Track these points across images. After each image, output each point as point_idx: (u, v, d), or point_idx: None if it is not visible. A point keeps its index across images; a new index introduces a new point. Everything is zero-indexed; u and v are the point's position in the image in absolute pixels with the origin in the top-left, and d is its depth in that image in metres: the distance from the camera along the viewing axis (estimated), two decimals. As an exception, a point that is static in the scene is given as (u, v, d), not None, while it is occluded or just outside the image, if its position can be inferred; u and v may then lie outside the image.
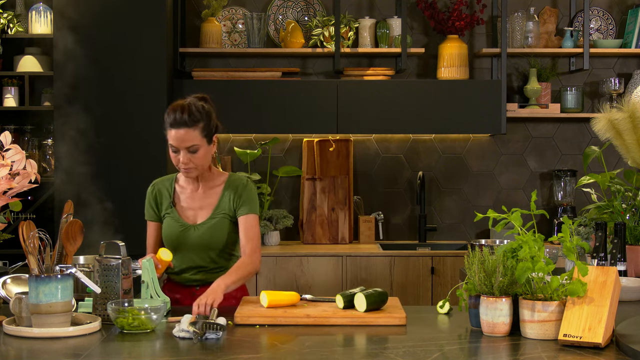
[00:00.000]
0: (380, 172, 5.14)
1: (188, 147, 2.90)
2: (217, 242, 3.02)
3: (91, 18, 4.50)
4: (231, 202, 3.02)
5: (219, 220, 3.01)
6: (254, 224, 3.01)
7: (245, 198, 3.01)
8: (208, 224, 3.01)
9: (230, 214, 3.03)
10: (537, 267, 2.30)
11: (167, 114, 2.92)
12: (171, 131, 2.90)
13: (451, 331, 2.47)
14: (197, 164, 2.93)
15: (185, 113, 2.88)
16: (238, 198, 3.02)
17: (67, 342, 2.31)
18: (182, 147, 2.90)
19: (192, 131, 2.89)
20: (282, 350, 2.28)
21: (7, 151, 2.67)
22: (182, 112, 2.88)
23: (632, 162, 3.34)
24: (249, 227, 3.00)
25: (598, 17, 5.17)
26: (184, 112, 2.88)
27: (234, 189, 3.03)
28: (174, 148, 2.92)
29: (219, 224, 3.01)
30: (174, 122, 2.89)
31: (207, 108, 2.95)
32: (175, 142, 2.90)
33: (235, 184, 3.04)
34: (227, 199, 3.03)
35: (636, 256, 3.13)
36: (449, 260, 4.55)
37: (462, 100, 4.80)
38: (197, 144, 2.90)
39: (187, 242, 3.01)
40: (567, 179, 5.01)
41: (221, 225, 3.01)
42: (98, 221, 4.07)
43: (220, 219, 3.01)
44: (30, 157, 4.54)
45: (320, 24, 4.97)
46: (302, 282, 4.54)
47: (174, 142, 2.90)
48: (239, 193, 3.02)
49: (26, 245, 2.54)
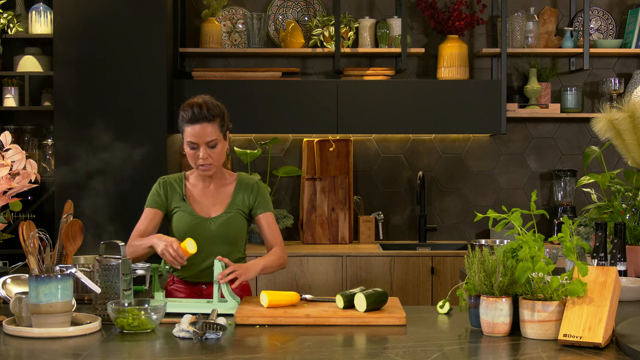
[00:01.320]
0: (380, 172, 5.14)
1: (208, 142, 2.93)
2: (232, 235, 3.03)
3: (91, 18, 4.50)
4: (245, 200, 3.06)
5: (234, 214, 3.04)
6: (274, 221, 3.10)
7: (261, 197, 3.07)
8: (224, 217, 3.03)
9: (245, 211, 3.06)
10: (537, 267, 2.30)
11: (183, 112, 2.94)
12: (190, 127, 2.92)
13: (451, 331, 2.47)
14: (215, 159, 2.96)
15: (204, 108, 2.92)
16: (254, 198, 3.06)
17: (67, 342, 2.31)
18: (202, 142, 2.92)
19: (212, 125, 2.92)
20: (282, 350, 2.28)
21: (7, 151, 2.67)
22: (201, 108, 2.91)
23: (632, 162, 3.34)
24: (271, 224, 3.09)
25: (598, 17, 5.17)
26: (202, 107, 2.92)
27: (247, 188, 3.07)
28: (193, 145, 2.93)
29: (234, 218, 3.03)
30: (192, 117, 2.91)
31: (221, 105, 3.01)
32: (195, 138, 2.92)
33: (248, 183, 3.09)
34: (240, 196, 3.06)
35: (636, 256, 3.13)
36: (449, 260, 4.55)
37: (462, 100, 4.80)
38: (215, 138, 2.94)
39: (201, 235, 2.99)
40: (567, 179, 5.01)
41: (236, 219, 3.04)
42: (98, 221, 4.08)
43: (235, 213, 3.04)
44: (30, 157, 4.54)
45: (320, 24, 4.97)
46: (302, 282, 4.54)
47: (194, 137, 2.92)
48: (254, 193, 3.07)
49: (26, 245, 2.54)
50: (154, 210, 3.06)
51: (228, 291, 2.71)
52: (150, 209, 3.06)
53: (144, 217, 3.06)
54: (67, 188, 4.39)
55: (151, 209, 3.06)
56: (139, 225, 3.05)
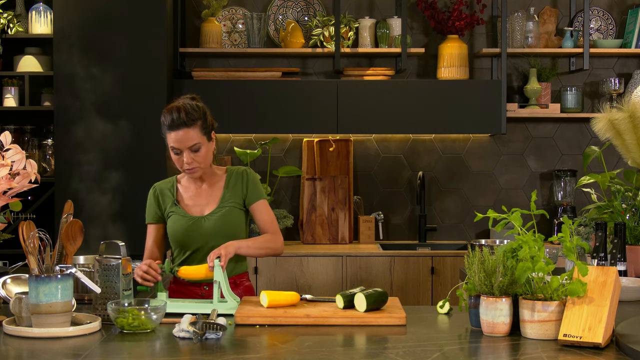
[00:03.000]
0: (380, 172, 5.14)
1: (190, 147, 2.90)
2: (229, 230, 3.00)
3: (91, 18, 4.50)
4: (237, 191, 3.04)
5: (228, 209, 3.01)
6: (268, 207, 3.07)
7: (251, 186, 3.05)
8: (218, 213, 3.01)
9: (240, 202, 3.04)
10: (537, 267, 2.30)
11: (163, 118, 2.92)
12: (171, 134, 2.90)
13: (451, 331, 2.47)
14: (200, 162, 2.94)
15: (182, 113, 2.88)
16: (245, 186, 3.04)
17: (67, 342, 2.31)
18: (184, 147, 2.90)
19: (192, 130, 2.89)
20: (282, 350, 2.28)
21: (7, 151, 2.67)
22: (179, 113, 2.88)
23: (632, 162, 3.34)
24: (264, 211, 3.05)
25: (598, 17, 5.17)
26: (181, 112, 2.88)
27: (237, 179, 3.05)
28: (176, 150, 2.92)
29: (229, 213, 3.01)
30: (172, 124, 2.89)
31: (201, 106, 2.97)
32: (177, 144, 2.90)
33: (237, 173, 3.07)
34: (232, 189, 3.04)
35: (636, 256, 3.13)
36: (449, 260, 4.55)
37: (462, 100, 4.80)
38: (198, 142, 2.91)
39: (197, 234, 2.99)
40: (567, 179, 5.01)
41: (231, 213, 3.02)
42: (98, 221, 4.08)
43: (230, 207, 3.02)
44: (30, 157, 4.54)
45: (320, 24, 4.97)
46: (302, 282, 4.54)
47: (175, 143, 2.90)
48: (244, 182, 3.05)
49: (26, 245, 2.54)
50: (153, 226, 3.09)
51: (228, 291, 2.71)
52: (150, 225, 3.10)
53: (148, 235, 3.10)
54: (67, 188, 4.39)
55: (151, 225, 3.10)
56: (146, 244, 3.09)
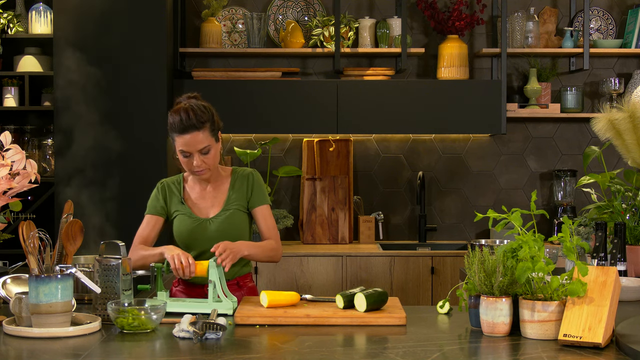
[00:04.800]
0: (380, 172, 5.14)
1: (201, 150, 2.87)
2: (233, 233, 2.98)
3: (91, 18, 4.50)
4: (242, 193, 3.02)
5: (233, 212, 3.00)
6: (270, 214, 3.06)
7: (256, 190, 3.04)
8: (223, 215, 2.99)
9: (244, 204, 3.03)
10: (537, 267, 2.30)
11: (171, 120, 2.86)
12: (181, 137, 2.85)
13: (451, 331, 2.47)
14: (209, 164, 2.92)
15: (192, 115, 2.83)
16: (250, 189, 3.03)
17: (67, 342, 2.31)
18: (195, 150, 2.87)
19: (201, 133, 2.85)
20: (282, 350, 2.28)
21: (7, 151, 2.67)
22: (188, 116, 2.83)
23: (632, 162, 3.34)
24: (267, 217, 3.04)
25: (598, 17, 5.17)
26: (190, 115, 2.83)
27: (242, 181, 3.04)
28: (185, 153, 2.88)
29: (233, 216, 3.00)
30: (181, 127, 2.83)
31: (208, 106, 2.93)
32: (187, 147, 2.86)
33: (243, 176, 3.05)
34: (236, 191, 3.02)
35: (636, 256, 3.13)
36: (449, 260, 4.55)
37: (462, 100, 4.80)
38: (208, 144, 2.88)
39: (202, 236, 2.98)
40: (567, 179, 5.01)
41: (236, 216, 3.00)
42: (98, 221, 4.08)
43: (234, 210, 3.00)
44: (30, 157, 4.55)
45: (320, 24, 4.97)
46: (302, 282, 4.54)
47: (186, 147, 2.86)
48: (249, 185, 3.03)
49: (26, 245, 2.54)
50: (155, 217, 3.03)
51: (225, 291, 2.71)
52: (151, 216, 3.03)
53: (146, 224, 3.02)
54: (67, 188, 4.39)
55: (152, 216, 3.03)
56: (141, 232, 3.01)
